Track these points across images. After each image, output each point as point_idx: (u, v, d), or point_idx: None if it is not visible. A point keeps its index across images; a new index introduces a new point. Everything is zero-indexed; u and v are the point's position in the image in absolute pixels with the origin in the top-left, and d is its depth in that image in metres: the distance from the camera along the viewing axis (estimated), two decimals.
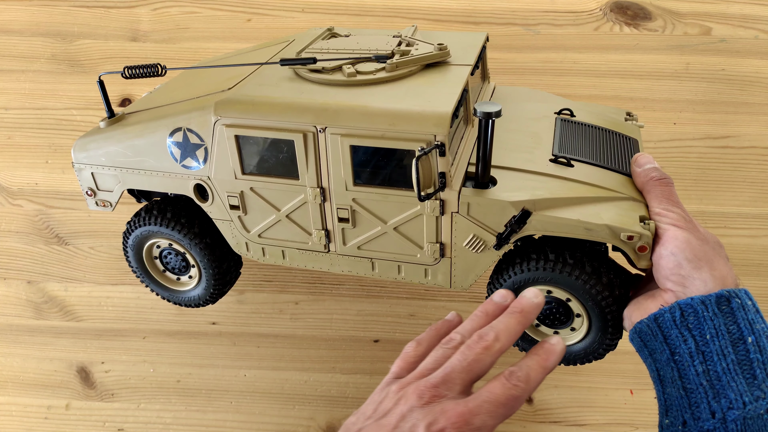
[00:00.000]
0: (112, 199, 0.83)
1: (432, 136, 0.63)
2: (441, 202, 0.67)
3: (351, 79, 0.69)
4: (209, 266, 0.83)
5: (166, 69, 0.73)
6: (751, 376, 0.52)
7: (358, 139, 0.65)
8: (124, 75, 0.73)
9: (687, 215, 0.63)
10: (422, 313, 0.98)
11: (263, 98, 0.69)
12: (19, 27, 1.23)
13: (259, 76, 0.75)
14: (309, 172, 0.69)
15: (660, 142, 1.09)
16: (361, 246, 0.74)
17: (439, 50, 0.73)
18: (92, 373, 0.97)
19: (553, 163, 0.70)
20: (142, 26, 1.22)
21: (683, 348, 0.55)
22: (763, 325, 0.54)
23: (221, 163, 0.73)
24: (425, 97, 0.66)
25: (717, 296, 0.55)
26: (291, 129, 0.67)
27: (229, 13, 1.22)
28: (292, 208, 0.74)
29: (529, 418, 0.89)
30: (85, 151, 0.80)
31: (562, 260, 0.66)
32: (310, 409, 0.92)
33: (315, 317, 0.99)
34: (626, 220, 0.63)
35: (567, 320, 0.71)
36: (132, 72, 0.73)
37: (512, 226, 0.65)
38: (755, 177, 1.06)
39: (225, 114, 0.69)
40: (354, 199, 0.70)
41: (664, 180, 0.65)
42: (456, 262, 0.71)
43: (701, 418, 0.52)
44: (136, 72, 0.73)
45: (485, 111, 0.60)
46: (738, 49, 1.13)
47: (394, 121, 0.64)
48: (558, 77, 1.14)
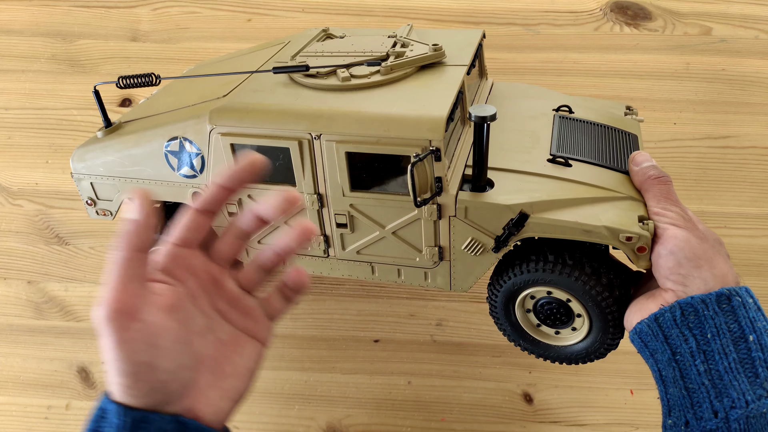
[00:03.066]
0: (113, 208, 0.83)
1: (427, 142, 0.62)
2: (438, 207, 0.66)
3: (345, 83, 0.69)
4: None
5: (160, 79, 0.73)
6: (753, 374, 0.52)
7: (353, 145, 0.65)
8: (119, 85, 0.73)
9: (686, 213, 0.62)
10: (422, 313, 0.98)
11: (257, 106, 0.69)
12: (19, 27, 1.23)
13: (254, 82, 0.75)
14: (306, 178, 0.69)
15: (660, 142, 1.09)
16: (360, 251, 0.74)
17: (434, 51, 0.73)
18: (92, 373, 0.97)
19: (550, 164, 0.69)
20: (142, 26, 1.22)
21: (684, 347, 0.55)
22: (765, 323, 0.54)
23: (218, 171, 0.73)
24: (420, 101, 0.66)
25: (717, 294, 0.55)
26: (286, 137, 0.67)
27: (229, 13, 1.22)
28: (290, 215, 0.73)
29: (529, 418, 0.89)
30: (83, 161, 0.80)
31: (562, 261, 0.66)
32: (310, 409, 0.92)
33: (315, 317, 0.99)
34: (625, 220, 0.62)
35: (568, 320, 0.71)
36: (126, 82, 0.73)
37: (510, 229, 0.65)
38: (755, 177, 1.06)
39: (220, 123, 0.69)
40: (351, 204, 0.70)
41: (663, 178, 0.65)
42: (455, 265, 0.71)
43: (704, 418, 0.52)
44: (130, 81, 0.73)
45: (480, 115, 0.60)
46: (738, 49, 1.13)
47: (389, 126, 0.63)
48: (558, 77, 1.14)
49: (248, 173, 0.49)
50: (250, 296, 0.53)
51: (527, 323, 0.74)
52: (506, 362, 0.93)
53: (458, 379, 0.92)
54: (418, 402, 0.91)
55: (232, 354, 0.50)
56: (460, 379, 0.92)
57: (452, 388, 0.92)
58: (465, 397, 0.91)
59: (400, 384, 0.92)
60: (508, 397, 0.90)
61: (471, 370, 0.93)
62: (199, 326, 0.49)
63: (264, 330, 0.53)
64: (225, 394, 0.49)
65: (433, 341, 0.96)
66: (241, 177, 0.49)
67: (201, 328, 0.49)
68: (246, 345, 0.51)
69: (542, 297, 0.70)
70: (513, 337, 0.75)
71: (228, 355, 0.50)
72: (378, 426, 0.89)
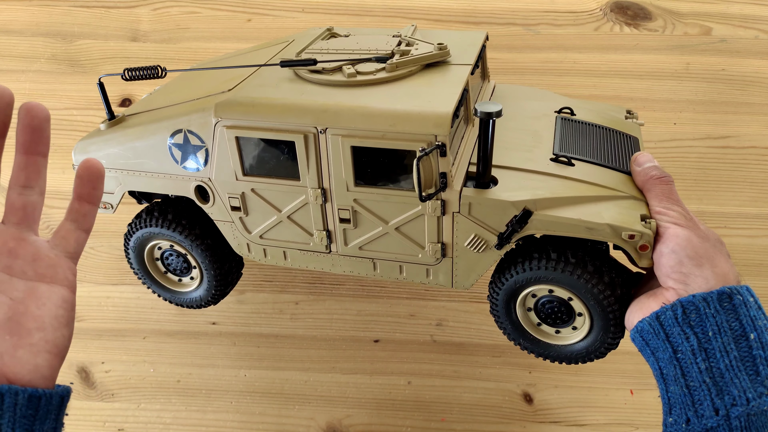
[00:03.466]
0: (113, 201, 0.83)
1: (433, 137, 0.63)
2: (442, 203, 0.67)
3: (351, 79, 0.69)
4: (210, 267, 0.83)
5: (166, 71, 0.73)
6: (754, 372, 0.52)
7: (358, 139, 0.65)
8: (124, 77, 0.73)
9: (687, 213, 0.63)
10: (422, 313, 0.98)
11: (263, 99, 0.69)
12: (19, 27, 1.23)
13: (259, 77, 0.75)
14: (310, 173, 0.69)
15: (660, 142, 1.09)
16: (363, 246, 0.74)
17: (438, 50, 0.73)
18: (92, 373, 0.97)
19: (553, 162, 0.70)
20: (142, 26, 1.22)
21: (685, 346, 0.55)
22: (765, 322, 0.54)
23: (222, 164, 0.73)
24: (425, 97, 0.66)
25: (719, 293, 0.55)
26: (291, 130, 0.67)
27: (229, 13, 1.22)
28: (293, 209, 0.74)
29: (529, 418, 0.89)
30: (85, 153, 0.80)
31: (564, 259, 0.66)
32: (310, 409, 0.91)
33: (315, 317, 0.99)
34: (627, 218, 0.63)
35: (569, 319, 0.71)
36: (132, 74, 0.73)
37: (513, 226, 0.65)
38: (755, 177, 1.06)
39: (225, 115, 0.69)
40: (355, 199, 0.70)
41: (664, 178, 0.65)
42: (457, 261, 0.71)
43: (705, 416, 0.52)
44: (136, 74, 0.73)
45: (486, 111, 0.60)
46: (738, 49, 1.13)
47: (395, 121, 0.63)
48: (558, 77, 1.14)
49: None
50: (43, 244, 0.50)
51: (528, 322, 0.74)
52: (506, 362, 0.93)
53: (458, 379, 0.92)
54: (418, 402, 0.91)
55: (31, 308, 0.47)
56: (460, 379, 0.92)
57: (452, 388, 0.91)
58: (465, 397, 0.91)
59: (400, 384, 0.92)
60: (508, 397, 0.90)
61: (471, 370, 0.93)
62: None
63: (63, 272, 0.50)
64: (36, 348, 0.46)
65: (433, 341, 0.96)
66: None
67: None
68: (45, 294, 0.48)
69: (544, 295, 0.70)
70: (513, 335, 0.75)
71: (27, 312, 0.47)
72: (378, 426, 0.89)
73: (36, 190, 0.50)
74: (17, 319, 0.47)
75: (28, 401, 0.44)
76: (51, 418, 0.46)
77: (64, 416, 0.48)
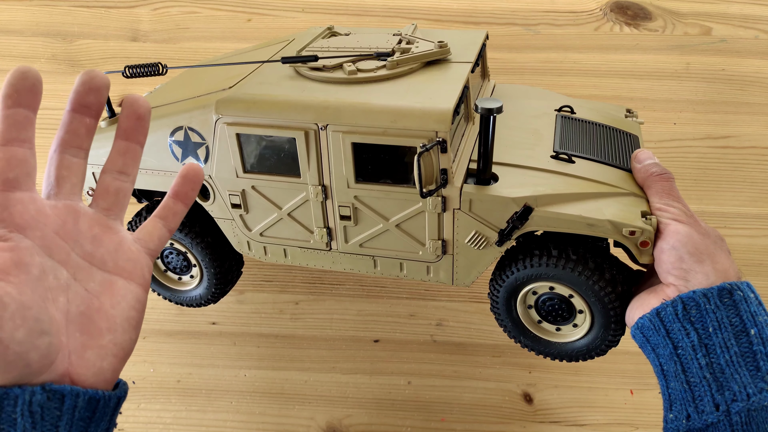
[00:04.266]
0: None
1: (433, 133, 0.63)
2: (443, 199, 0.67)
3: (352, 76, 0.69)
4: (210, 265, 0.83)
5: (167, 68, 0.73)
6: (754, 368, 0.52)
7: (359, 136, 0.65)
8: (125, 74, 0.73)
9: (688, 210, 0.63)
10: (422, 313, 0.98)
11: (264, 96, 0.69)
12: (19, 27, 1.23)
13: (260, 75, 0.75)
14: (311, 169, 0.69)
15: (660, 142, 1.09)
16: (363, 244, 0.74)
17: (439, 48, 0.73)
18: None
19: (554, 160, 0.70)
20: (142, 26, 1.22)
21: (686, 341, 0.55)
22: (766, 318, 0.54)
23: (222, 161, 0.73)
24: (426, 94, 0.66)
25: (719, 289, 0.55)
26: (292, 127, 0.67)
27: (229, 13, 1.22)
28: (293, 207, 0.73)
29: (529, 418, 0.89)
30: None
31: (565, 256, 0.66)
32: (310, 409, 0.91)
33: (315, 317, 0.99)
34: (628, 215, 0.63)
35: (569, 316, 0.71)
36: (133, 71, 0.73)
37: (514, 222, 0.65)
38: (755, 177, 1.06)
39: (226, 112, 0.69)
40: (356, 196, 0.70)
41: (665, 175, 0.65)
42: (458, 258, 0.71)
43: (705, 411, 0.52)
44: (137, 71, 0.73)
45: (487, 107, 0.60)
46: (738, 49, 1.13)
47: (396, 118, 0.63)
48: (558, 77, 1.14)
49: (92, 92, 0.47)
50: (127, 236, 0.48)
51: (528, 319, 0.73)
52: (506, 362, 0.93)
53: (458, 379, 0.92)
54: (418, 402, 0.90)
55: (105, 305, 0.45)
56: (460, 379, 0.92)
57: (452, 388, 0.91)
58: (465, 397, 0.90)
59: (400, 384, 0.92)
60: (508, 397, 0.90)
61: (471, 370, 0.93)
62: (58, 281, 0.43)
63: (141, 269, 0.48)
64: (105, 352, 0.44)
65: (433, 341, 0.95)
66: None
67: (62, 282, 0.43)
68: (121, 291, 0.46)
69: (544, 292, 0.70)
70: (513, 333, 0.75)
71: (101, 308, 0.45)
72: (378, 426, 0.89)
73: (130, 178, 0.49)
74: (90, 314, 0.44)
75: (87, 403, 0.42)
76: (105, 419, 0.44)
77: (118, 415, 0.46)
